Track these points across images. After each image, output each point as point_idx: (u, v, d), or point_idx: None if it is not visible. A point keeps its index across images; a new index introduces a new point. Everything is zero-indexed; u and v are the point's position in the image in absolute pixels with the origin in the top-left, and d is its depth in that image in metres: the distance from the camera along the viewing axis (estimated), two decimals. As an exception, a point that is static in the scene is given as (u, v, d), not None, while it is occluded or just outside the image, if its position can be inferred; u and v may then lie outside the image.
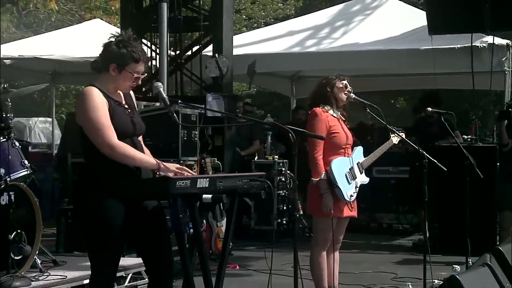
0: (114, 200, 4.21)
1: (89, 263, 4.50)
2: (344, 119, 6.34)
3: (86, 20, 18.21)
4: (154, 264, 4.45)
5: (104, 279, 4.35)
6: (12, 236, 5.56)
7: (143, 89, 11.75)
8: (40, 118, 17.40)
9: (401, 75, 14.12)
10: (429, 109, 8.03)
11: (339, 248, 6.55)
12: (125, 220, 4.24)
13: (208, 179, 4.07)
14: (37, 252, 5.80)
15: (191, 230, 4.79)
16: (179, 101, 4.63)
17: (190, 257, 4.35)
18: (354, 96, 6.23)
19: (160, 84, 4.53)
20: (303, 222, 11.25)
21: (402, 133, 6.67)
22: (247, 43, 12.81)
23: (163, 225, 4.39)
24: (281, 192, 10.97)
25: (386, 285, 7.73)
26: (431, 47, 10.61)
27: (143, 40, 11.59)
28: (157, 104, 10.52)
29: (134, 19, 11.56)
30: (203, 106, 9.41)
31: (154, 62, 11.35)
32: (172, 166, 4.38)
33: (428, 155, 6.35)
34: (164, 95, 4.47)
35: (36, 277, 5.63)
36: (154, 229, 4.39)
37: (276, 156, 11.10)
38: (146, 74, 4.57)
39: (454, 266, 6.95)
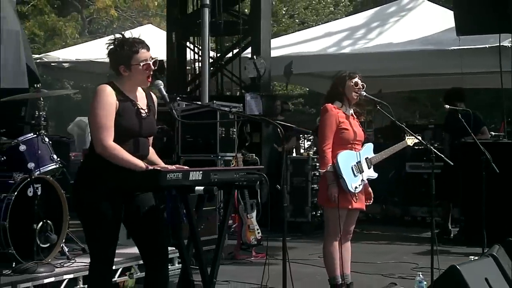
0: (110, 193, 4.19)
1: (119, 251, 4.50)
2: (356, 116, 6.22)
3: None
4: (149, 253, 4.42)
5: (102, 267, 4.33)
6: (39, 226, 5.59)
7: (188, 88, 11.83)
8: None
9: (431, 75, 13.86)
10: (447, 106, 7.84)
11: (352, 238, 6.42)
12: (120, 212, 4.23)
13: (201, 172, 4.02)
14: (64, 240, 5.83)
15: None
16: (178, 97, 4.55)
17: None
18: (365, 94, 6.11)
19: (160, 82, 4.47)
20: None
21: (418, 136, 6.56)
22: (286, 44, 12.73)
23: (157, 216, 4.35)
24: (315, 186, 10.85)
25: (404, 274, 7.55)
26: (458, 47, 10.43)
27: (188, 44, 11.68)
28: (198, 103, 10.57)
29: (179, 24, 11.64)
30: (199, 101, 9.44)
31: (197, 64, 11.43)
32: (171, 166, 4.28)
33: (436, 151, 6.18)
34: (164, 92, 4.43)
35: (62, 263, 5.66)
36: (149, 219, 4.35)
37: (311, 152, 11.02)
38: (156, 58, 4.44)
39: (470, 256, 6.75)
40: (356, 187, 5.93)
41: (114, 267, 5.73)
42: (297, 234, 10.30)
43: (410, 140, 6.48)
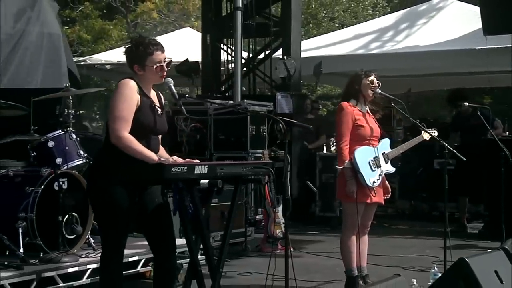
0: (120, 185, 4.18)
1: (142, 243, 4.52)
2: (372, 113, 6.14)
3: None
4: (157, 244, 4.41)
5: (113, 257, 4.32)
6: (65, 218, 5.63)
7: (223, 88, 11.84)
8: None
9: (460, 74, 13.64)
10: (466, 103, 7.71)
11: (368, 232, 6.32)
12: (130, 203, 4.20)
13: (207, 166, 3.99)
14: (89, 232, 5.85)
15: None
16: (186, 95, 4.53)
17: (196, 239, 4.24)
18: (380, 91, 6.05)
19: (170, 80, 4.46)
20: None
21: (434, 131, 6.46)
22: (316, 46, 12.66)
23: (166, 208, 4.34)
24: (344, 182, 10.78)
25: (424, 267, 7.43)
26: (485, 46, 10.26)
27: (221, 45, 11.68)
28: (231, 102, 10.58)
29: (213, 26, 11.65)
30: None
31: (230, 64, 11.42)
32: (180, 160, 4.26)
33: (448, 146, 6.08)
34: (174, 90, 4.41)
35: (87, 254, 5.68)
36: (158, 211, 4.34)
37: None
38: (170, 59, 4.45)
39: (489, 250, 6.62)
40: (374, 182, 5.85)
41: (137, 258, 5.84)
42: (326, 228, 10.25)
43: (427, 135, 6.36)
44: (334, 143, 11.01)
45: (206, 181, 3.97)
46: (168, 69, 4.44)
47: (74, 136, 5.98)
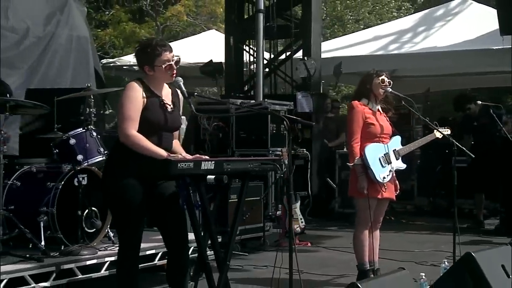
0: (133, 181, 4.19)
1: (159, 237, 4.53)
2: (384, 111, 6.10)
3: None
4: (170, 239, 4.42)
5: (129, 253, 4.33)
6: (85, 212, 5.68)
7: (246, 88, 11.85)
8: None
9: (477, 74, 13.49)
10: (479, 102, 7.62)
11: (380, 227, 6.27)
12: (143, 198, 4.21)
13: (213, 162, 3.99)
14: (109, 226, 5.89)
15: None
16: (195, 93, 4.53)
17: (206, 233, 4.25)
18: (390, 90, 6.00)
19: (180, 79, 4.46)
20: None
21: (447, 130, 6.40)
22: (337, 47, 12.62)
23: (178, 203, 4.35)
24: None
25: (437, 262, 7.36)
26: (501, 47, 10.14)
27: (244, 47, 11.69)
28: (252, 101, 10.59)
29: (236, 28, 11.68)
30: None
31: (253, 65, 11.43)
32: (188, 156, 4.26)
33: (457, 143, 6.02)
34: (183, 88, 4.42)
35: (105, 247, 5.71)
36: (170, 207, 4.34)
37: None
38: (178, 57, 4.45)
39: (497, 246, 6.53)
40: (384, 177, 5.82)
41: (154, 251, 5.86)
42: (344, 224, 10.20)
43: (439, 133, 6.30)
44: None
45: (213, 176, 3.97)
46: (177, 67, 4.44)
47: (94, 134, 6.02)
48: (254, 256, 7.77)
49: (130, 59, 14.61)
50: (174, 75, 4.41)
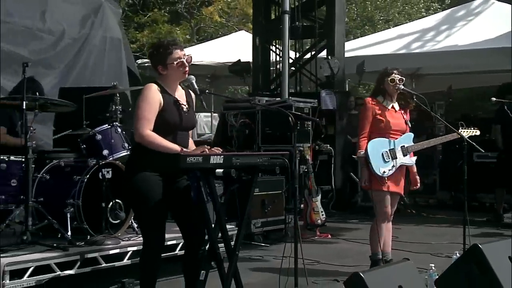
0: (150, 175, 4.23)
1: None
2: (402, 108, 6.07)
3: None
4: (188, 232, 4.46)
5: (150, 241, 4.34)
6: (110, 204, 5.75)
7: (273, 86, 11.87)
8: (204, 114, 17.84)
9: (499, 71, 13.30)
10: (493, 99, 7.53)
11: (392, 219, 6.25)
12: (160, 191, 4.24)
13: (222, 157, 4.02)
14: (132, 217, 5.95)
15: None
16: (207, 91, 4.55)
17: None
18: (403, 87, 5.98)
19: (192, 77, 4.48)
20: (404, 199, 10.98)
21: (476, 131, 6.34)
22: (360, 46, 12.57)
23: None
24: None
25: (451, 253, 7.29)
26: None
27: (271, 47, 11.70)
28: (277, 99, 10.61)
29: (263, 29, 11.70)
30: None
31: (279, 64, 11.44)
32: (198, 150, 4.27)
33: (467, 138, 5.97)
34: (195, 86, 4.44)
35: (129, 237, 5.77)
36: (186, 200, 4.34)
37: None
38: (189, 55, 4.46)
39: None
40: (384, 172, 5.78)
41: (175, 242, 5.91)
42: (366, 217, 10.15)
43: (465, 133, 6.24)
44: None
45: (221, 170, 4.00)
46: (189, 64, 4.44)
47: (119, 130, 6.08)
48: (275, 247, 7.79)
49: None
50: (187, 72, 4.43)
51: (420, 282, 4.34)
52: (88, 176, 5.68)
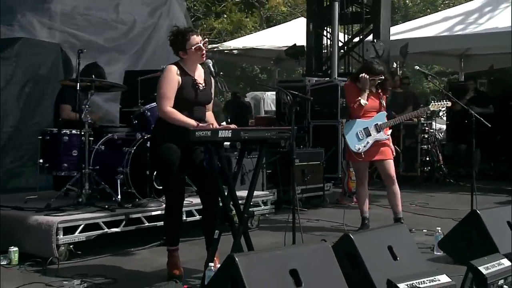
0: (170, 145, 4.41)
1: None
2: (375, 91, 6.27)
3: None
4: (203, 194, 4.65)
5: (172, 201, 4.54)
6: (155, 172, 5.93)
7: (323, 67, 11.81)
8: (271, 92, 17.93)
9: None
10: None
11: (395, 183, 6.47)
12: (180, 157, 4.41)
13: (230, 131, 4.11)
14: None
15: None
16: (221, 73, 4.62)
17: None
18: (418, 67, 5.97)
19: (210, 60, 4.58)
20: (443, 169, 10.81)
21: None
22: (407, 29, 12.30)
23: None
24: (424, 146, 10.59)
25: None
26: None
27: (323, 32, 11.62)
28: (327, 79, 10.59)
29: (316, 15, 11.63)
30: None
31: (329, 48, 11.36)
32: (209, 125, 4.38)
33: (476, 114, 5.85)
34: (212, 69, 4.53)
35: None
36: (200, 167, 4.54)
37: (422, 118, 10.67)
38: (206, 39, 4.63)
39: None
40: (359, 148, 6.15)
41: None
42: (406, 185, 10.00)
43: (435, 106, 6.27)
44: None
45: (228, 143, 4.09)
46: (206, 48, 4.55)
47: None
48: (313, 211, 7.84)
49: (230, 44, 14.88)
50: (204, 55, 4.54)
51: (411, 244, 4.31)
52: (135, 147, 5.89)
